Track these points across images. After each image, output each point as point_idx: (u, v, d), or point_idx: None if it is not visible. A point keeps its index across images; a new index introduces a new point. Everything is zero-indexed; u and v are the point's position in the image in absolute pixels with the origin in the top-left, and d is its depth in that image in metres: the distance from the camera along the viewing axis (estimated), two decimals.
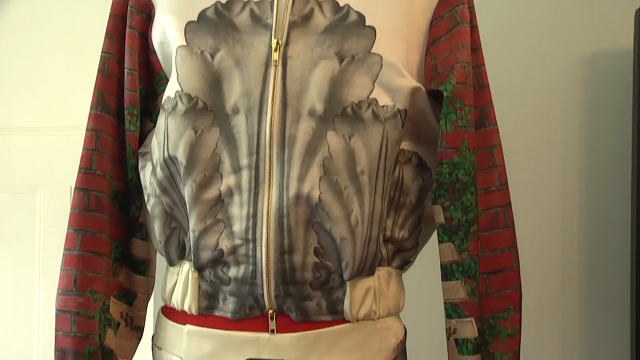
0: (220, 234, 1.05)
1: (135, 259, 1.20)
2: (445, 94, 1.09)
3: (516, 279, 1.15)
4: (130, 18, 1.15)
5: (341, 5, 1.09)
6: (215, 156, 1.05)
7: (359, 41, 1.07)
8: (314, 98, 1.04)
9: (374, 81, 1.06)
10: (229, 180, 1.05)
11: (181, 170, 1.06)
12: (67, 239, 1.14)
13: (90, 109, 1.16)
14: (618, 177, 1.87)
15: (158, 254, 1.20)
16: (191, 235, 1.07)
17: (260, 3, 1.10)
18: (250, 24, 1.09)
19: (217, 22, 1.09)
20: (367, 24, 1.08)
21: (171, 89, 1.09)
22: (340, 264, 1.05)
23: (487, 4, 1.87)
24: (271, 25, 1.08)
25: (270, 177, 1.04)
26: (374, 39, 1.07)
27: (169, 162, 1.07)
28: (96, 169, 1.14)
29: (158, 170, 1.09)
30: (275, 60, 1.06)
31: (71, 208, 1.15)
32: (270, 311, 1.06)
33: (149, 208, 1.13)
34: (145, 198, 1.14)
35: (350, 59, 1.06)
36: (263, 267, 1.05)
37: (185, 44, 1.09)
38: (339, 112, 1.04)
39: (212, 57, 1.07)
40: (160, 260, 1.20)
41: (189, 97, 1.06)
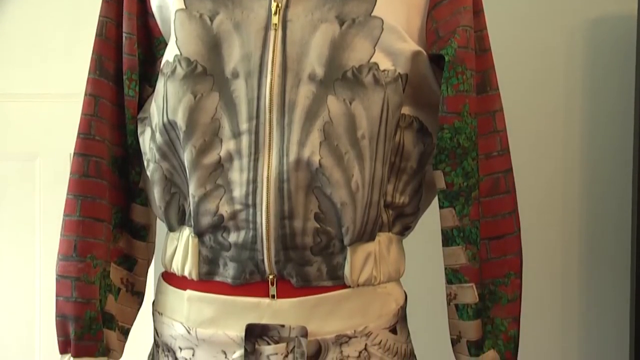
0: (220, 200, 1.05)
1: (135, 224, 1.19)
2: (446, 58, 1.08)
3: (517, 244, 1.15)
4: None
5: None
6: (214, 121, 1.04)
7: (359, 4, 1.06)
8: (314, 62, 1.04)
9: (375, 45, 1.05)
10: (228, 145, 1.04)
11: (180, 135, 1.05)
12: (67, 204, 1.14)
13: (89, 74, 1.15)
14: (620, 142, 1.86)
15: (158, 219, 1.20)
16: (191, 200, 1.06)
17: None
18: None
19: None
20: None
21: (170, 53, 1.08)
22: (341, 229, 1.05)
23: None
24: None
25: (270, 142, 1.04)
26: (375, 2, 1.06)
27: (168, 127, 1.06)
28: (95, 134, 1.14)
29: (157, 135, 1.09)
30: (275, 24, 1.05)
31: (70, 173, 1.14)
32: (270, 276, 1.06)
33: (148, 173, 1.12)
34: (145, 164, 1.13)
35: (351, 22, 1.05)
36: (263, 233, 1.04)
37: (184, 7, 1.08)
38: (339, 77, 1.03)
39: (211, 21, 1.06)
40: (160, 226, 1.19)
41: (188, 61, 1.05)
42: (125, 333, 1.20)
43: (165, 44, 1.12)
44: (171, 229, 1.13)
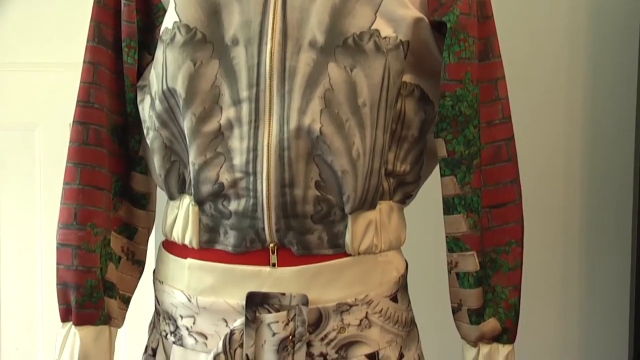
0: (221, 167, 1.05)
1: (136, 193, 1.19)
2: (448, 25, 1.07)
3: (518, 212, 1.15)
4: None
5: None
6: (214, 88, 1.04)
7: None
8: (315, 28, 1.03)
9: (376, 11, 1.04)
10: (228, 112, 1.03)
11: (180, 102, 1.05)
12: (67, 172, 1.14)
13: (87, 41, 1.14)
14: (623, 110, 1.85)
15: (158, 188, 1.20)
16: (191, 168, 1.06)
17: None
18: None
19: None
20: None
21: (169, 20, 1.07)
22: (342, 197, 1.05)
23: None
24: None
25: (270, 110, 1.03)
26: None
27: (168, 95, 1.06)
28: (94, 102, 1.13)
29: (157, 103, 1.08)
30: None
31: (70, 142, 1.14)
32: (271, 245, 1.06)
33: (148, 142, 1.12)
34: (145, 132, 1.13)
35: None
36: (264, 201, 1.04)
37: None
38: (340, 43, 1.02)
39: None
40: (160, 195, 1.19)
41: (188, 28, 1.04)
42: (126, 301, 1.20)
43: (165, 11, 1.11)
44: (171, 198, 1.13)
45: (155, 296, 1.17)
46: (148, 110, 1.11)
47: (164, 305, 1.14)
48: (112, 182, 1.16)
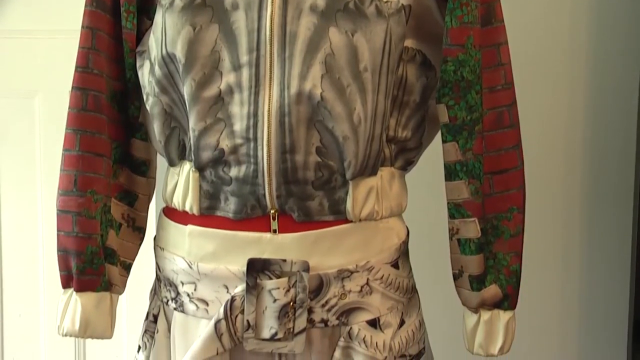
0: (221, 133, 1.04)
1: (136, 159, 1.19)
2: None
3: (520, 179, 1.14)
4: None
5: None
6: (214, 53, 1.03)
7: None
8: None
9: None
10: (228, 78, 1.03)
11: (180, 68, 1.04)
12: (66, 139, 1.13)
13: (85, 6, 1.13)
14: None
15: (158, 154, 1.19)
16: (191, 134, 1.05)
17: None
18: None
19: None
20: None
21: None
22: (343, 163, 1.04)
23: None
24: None
25: (271, 75, 1.02)
26: None
27: (167, 60, 1.05)
28: (93, 67, 1.12)
29: (156, 68, 1.07)
30: None
31: (69, 108, 1.13)
32: (272, 211, 1.06)
33: (148, 108, 1.11)
34: (144, 97, 1.12)
35: None
36: (264, 167, 1.04)
37: None
38: (340, 7, 1.01)
39: None
40: (161, 161, 1.19)
41: None
42: (127, 268, 1.20)
43: None
44: (171, 164, 1.12)
45: (156, 263, 1.17)
46: (147, 76, 1.10)
47: (165, 271, 1.14)
48: (112, 149, 1.16)
